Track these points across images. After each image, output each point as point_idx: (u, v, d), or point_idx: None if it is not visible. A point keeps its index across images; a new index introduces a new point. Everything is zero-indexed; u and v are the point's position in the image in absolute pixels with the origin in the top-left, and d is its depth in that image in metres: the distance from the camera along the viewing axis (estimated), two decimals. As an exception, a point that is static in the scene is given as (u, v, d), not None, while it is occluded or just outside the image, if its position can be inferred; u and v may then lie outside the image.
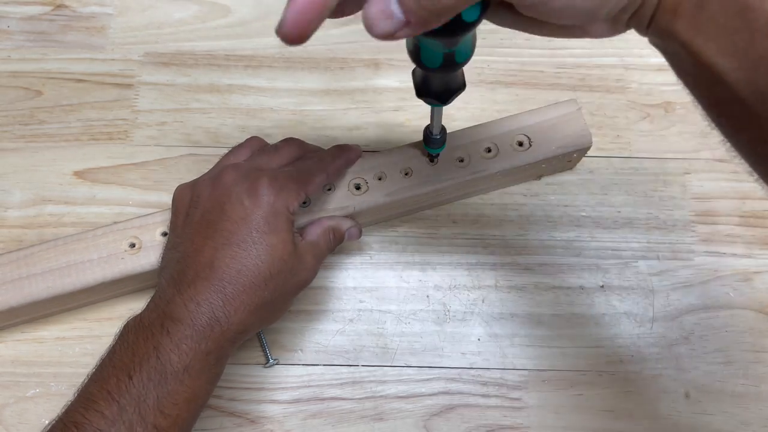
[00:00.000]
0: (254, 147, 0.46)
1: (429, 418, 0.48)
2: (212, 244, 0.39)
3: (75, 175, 0.53)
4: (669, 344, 0.50)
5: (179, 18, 0.58)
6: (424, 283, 0.51)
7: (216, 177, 0.42)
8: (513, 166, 0.48)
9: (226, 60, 0.57)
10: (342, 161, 0.46)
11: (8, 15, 0.58)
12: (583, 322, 0.50)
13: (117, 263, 0.45)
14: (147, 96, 0.56)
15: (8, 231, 0.51)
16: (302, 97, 0.56)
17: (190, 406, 0.37)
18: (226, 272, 0.38)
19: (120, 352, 0.37)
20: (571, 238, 0.52)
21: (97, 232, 0.46)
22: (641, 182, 0.54)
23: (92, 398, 0.36)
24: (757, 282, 0.51)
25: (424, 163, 0.48)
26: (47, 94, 0.55)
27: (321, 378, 0.49)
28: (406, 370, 0.49)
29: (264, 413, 0.48)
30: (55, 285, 0.45)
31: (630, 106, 0.56)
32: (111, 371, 0.37)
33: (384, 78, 0.56)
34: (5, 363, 0.48)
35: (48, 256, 0.45)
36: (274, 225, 0.40)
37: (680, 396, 0.48)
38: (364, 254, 0.52)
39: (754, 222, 0.53)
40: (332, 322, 0.50)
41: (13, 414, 0.47)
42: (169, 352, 0.36)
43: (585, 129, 0.49)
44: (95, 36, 0.57)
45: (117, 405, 0.35)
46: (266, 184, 0.40)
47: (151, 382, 0.36)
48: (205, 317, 0.37)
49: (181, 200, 0.43)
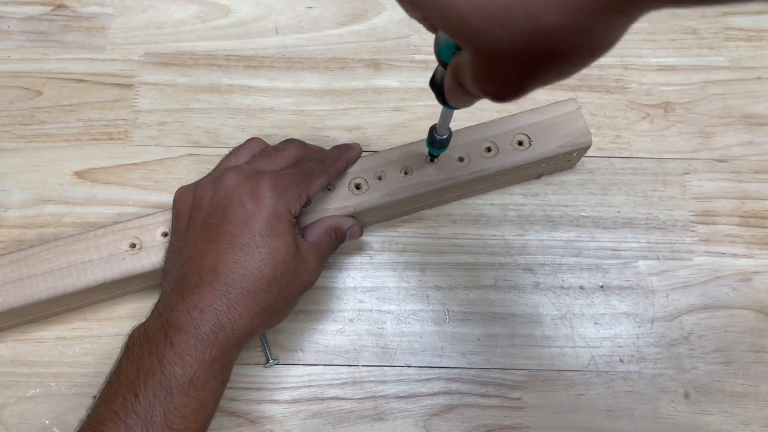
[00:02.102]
0: (255, 149, 0.46)
1: (429, 418, 0.48)
2: (215, 248, 0.39)
3: (75, 175, 0.53)
4: (669, 344, 0.50)
5: (179, 18, 0.58)
6: (424, 283, 0.51)
7: (217, 180, 0.42)
8: (513, 165, 0.48)
9: (226, 60, 0.57)
10: (343, 162, 0.46)
11: (8, 15, 0.58)
12: (583, 322, 0.50)
13: (117, 264, 0.45)
14: (147, 96, 0.56)
15: (8, 231, 0.51)
16: (302, 97, 0.56)
17: (198, 417, 0.37)
18: (230, 276, 0.38)
19: (126, 368, 0.37)
20: (571, 238, 0.52)
21: (98, 232, 0.46)
22: (641, 182, 0.54)
23: (101, 420, 0.36)
24: (756, 282, 0.51)
25: (424, 163, 0.48)
26: (47, 94, 0.55)
27: (321, 378, 0.49)
28: (406, 370, 0.49)
29: (264, 413, 0.48)
30: (55, 285, 0.45)
31: (630, 106, 0.56)
32: (117, 389, 0.37)
33: (384, 78, 0.56)
34: (5, 363, 0.48)
35: (48, 256, 0.45)
36: (276, 228, 0.40)
37: (680, 396, 0.49)
38: (364, 254, 0.52)
39: (754, 222, 0.53)
40: (332, 322, 0.50)
41: (13, 414, 0.47)
42: (173, 365, 0.36)
43: (585, 128, 0.49)
44: (95, 36, 0.57)
45: (124, 425, 0.35)
46: (268, 187, 0.40)
47: (156, 399, 0.36)
48: (209, 324, 0.37)
49: (182, 203, 0.43)
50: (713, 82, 0.57)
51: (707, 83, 0.57)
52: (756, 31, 0.58)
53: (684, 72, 0.57)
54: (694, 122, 0.55)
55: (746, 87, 0.57)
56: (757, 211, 0.53)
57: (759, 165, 0.54)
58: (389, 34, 0.58)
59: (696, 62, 0.57)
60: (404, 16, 0.58)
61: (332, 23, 0.58)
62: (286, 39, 0.58)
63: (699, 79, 0.57)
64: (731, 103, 0.56)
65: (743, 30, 0.58)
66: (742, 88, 0.57)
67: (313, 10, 0.58)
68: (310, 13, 0.58)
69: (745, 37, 0.58)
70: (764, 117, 0.56)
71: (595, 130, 0.54)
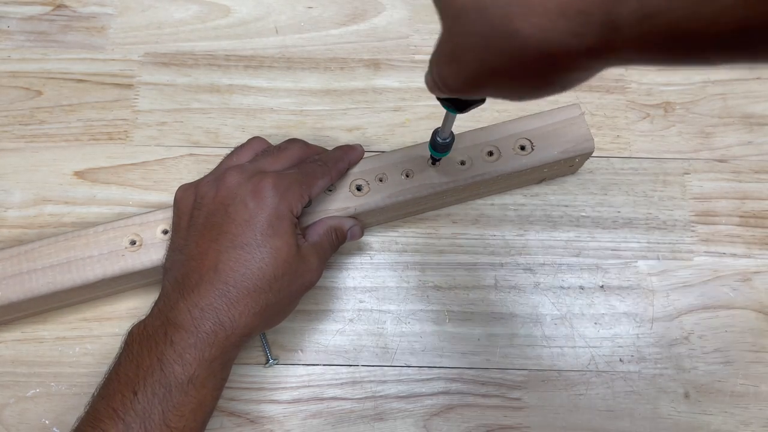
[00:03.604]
0: (257, 148, 0.46)
1: (429, 418, 0.48)
2: (216, 247, 0.39)
3: (75, 175, 0.53)
4: (669, 344, 0.50)
5: (179, 18, 0.58)
6: (424, 283, 0.51)
7: (220, 178, 0.42)
8: (515, 170, 0.48)
9: (226, 60, 0.57)
10: (345, 164, 0.47)
11: (8, 15, 0.58)
12: (583, 322, 0.50)
13: (117, 260, 0.45)
14: (147, 96, 0.56)
15: (8, 231, 0.51)
16: (302, 97, 0.56)
17: (196, 416, 0.37)
18: (231, 276, 0.38)
19: (125, 365, 0.37)
20: (571, 238, 0.52)
21: (98, 228, 0.46)
22: (641, 182, 0.54)
23: (99, 416, 0.36)
24: (756, 282, 0.51)
25: (425, 166, 0.48)
26: (47, 94, 0.55)
27: (321, 378, 0.49)
28: (406, 370, 0.49)
29: (264, 413, 0.48)
30: (55, 281, 0.45)
31: (630, 106, 0.56)
32: (116, 386, 0.37)
33: (384, 78, 0.56)
34: (5, 363, 0.48)
35: (49, 251, 0.45)
36: (278, 228, 0.40)
37: (680, 396, 0.49)
38: (364, 254, 0.52)
39: (754, 222, 0.53)
40: (332, 322, 0.50)
41: (13, 414, 0.47)
42: (172, 363, 0.36)
43: (588, 134, 0.49)
44: (95, 36, 0.57)
45: (122, 423, 0.35)
46: (270, 187, 0.40)
47: (155, 397, 0.36)
48: (209, 323, 0.37)
49: (183, 201, 0.43)
50: (713, 82, 0.57)
51: (707, 83, 0.57)
52: (756, 31, 0.58)
53: (684, 72, 0.57)
54: (694, 122, 0.55)
55: (746, 87, 0.57)
56: (757, 211, 0.53)
57: (759, 165, 0.54)
58: (389, 34, 0.58)
59: (696, 62, 0.57)
60: (404, 16, 0.58)
61: (332, 23, 0.58)
62: (286, 39, 0.58)
63: (699, 79, 0.57)
64: (731, 103, 0.56)
65: (743, 30, 0.58)
66: (742, 88, 0.57)
67: (313, 10, 0.58)
68: (310, 13, 0.58)
69: (745, 37, 0.58)
70: (764, 117, 0.56)
71: (595, 130, 0.54)
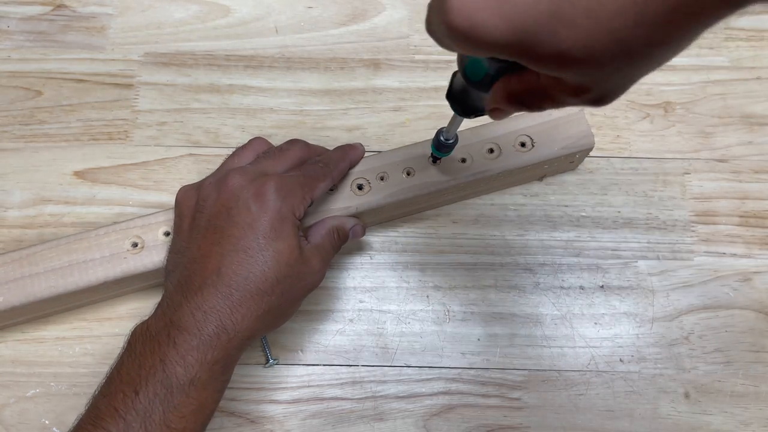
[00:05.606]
0: (258, 149, 0.46)
1: (429, 418, 0.48)
2: (219, 250, 0.39)
3: (75, 175, 0.53)
4: (669, 344, 0.50)
5: (179, 18, 0.58)
6: (424, 283, 0.51)
7: (222, 180, 0.42)
8: (515, 166, 0.48)
9: (226, 60, 0.57)
10: (346, 164, 0.47)
11: (8, 15, 0.58)
12: (583, 322, 0.50)
13: (119, 263, 0.45)
14: (147, 96, 0.56)
15: (8, 231, 0.51)
16: (302, 97, 0.56)
17: (197, 417, 0.37)
18: (234, 279, 0.38)
19: (127, 364, 0.37)
20: (571, 238, 0.52)
21: (99, 231, 0.46)
22: (641, 182, 0.54)
23: (100, 414, 0.36)
24: (756, 282, 0.51)
25: (426, 164, 0.48)
26: (47, 94, 0.55)
27: (321, 378, 0.49)
28: (406, 370, 0.49)
29: (264, 413, 0.48)
30: (57, 284, 0.45)
31: (630, 106, 0.56)
32: (118, 385, 0.37)
33: (384, 78, 0.56)
34: (5, 363, 0.48)
35: (50, 255, 0.45)
36: (280, 231, 0.40)
37: (680, 396, 0.49)
38: (364, 254, 0.52)
39: (754, 222, 0.53)
40: (332, 322, 0.50)
41: (13, 414, 0.47)
42: (175, 364, 0.36)
43: (588, 130, 0.49)
44: (95, 36, 0.57)
45: (123, 421, 0.35)
46: (273, 189, 0.40)
47: (157, 398, 0.36)
48: (212, 326, 0.37)
49: (185, 203, 0.43)
50: (713, 82, 0.57)
51: (707, 83, 0.57)
52: (756, 31, 0.58)
53: (684, 72, 0.57)
54: (694, 122, 0.55)
55: (746, 87, 0.57)
56: (757, 211, 0.53)
57: (759, 165, 0.54)
58: (389, 34, 0.58)
59: (696, 62, 0.57)
60: (404, 16, 0.58)
61: (332, 23, 0.58)
62: (286, 39, 0.58)
63: (699, 79, 0.57)
64: (731, 103, 0.56)
65: (743, 30, 0.58)
66: (742, 88, 0.57)
67: (313, 10, 0.58)
68: (310, 13, 0.58)
69: (745, 37, 0.58)
70: (764, 117, 0.56)
71: (595, 130, 0.54)
